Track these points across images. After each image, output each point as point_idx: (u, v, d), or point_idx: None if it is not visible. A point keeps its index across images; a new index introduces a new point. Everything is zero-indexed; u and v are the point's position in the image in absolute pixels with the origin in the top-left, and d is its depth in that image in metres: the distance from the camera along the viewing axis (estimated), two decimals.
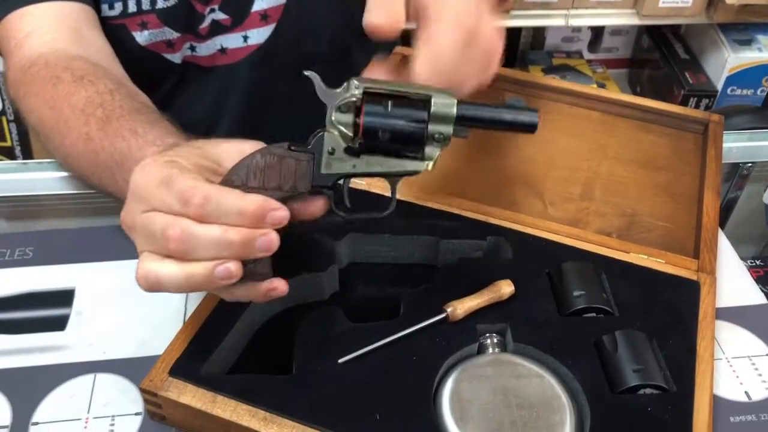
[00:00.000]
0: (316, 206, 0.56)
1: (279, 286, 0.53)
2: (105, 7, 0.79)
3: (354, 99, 0.52)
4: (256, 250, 0.49)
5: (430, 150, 0.54)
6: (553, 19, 1.76)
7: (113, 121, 0.63)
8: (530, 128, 0.56)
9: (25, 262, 0.71)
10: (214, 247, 0.48)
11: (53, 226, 0.75)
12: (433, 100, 0.53)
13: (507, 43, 0.90)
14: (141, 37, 0.82)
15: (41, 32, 0.71)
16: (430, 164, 0.54)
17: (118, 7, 0.79)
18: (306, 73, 0.53)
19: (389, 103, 0.53)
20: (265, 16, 0.86)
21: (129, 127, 0.62)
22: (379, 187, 0.74)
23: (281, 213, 0.50)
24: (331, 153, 0.53)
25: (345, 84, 0.53)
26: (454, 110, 0.53)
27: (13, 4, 0.72)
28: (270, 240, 0.50)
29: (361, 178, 0.74)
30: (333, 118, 0.53)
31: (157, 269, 0.49)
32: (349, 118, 0.53)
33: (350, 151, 0.54)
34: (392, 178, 0.56)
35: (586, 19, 1.78)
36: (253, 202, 0.49)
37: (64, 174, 0.79)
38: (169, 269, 0.49)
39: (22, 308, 0.67)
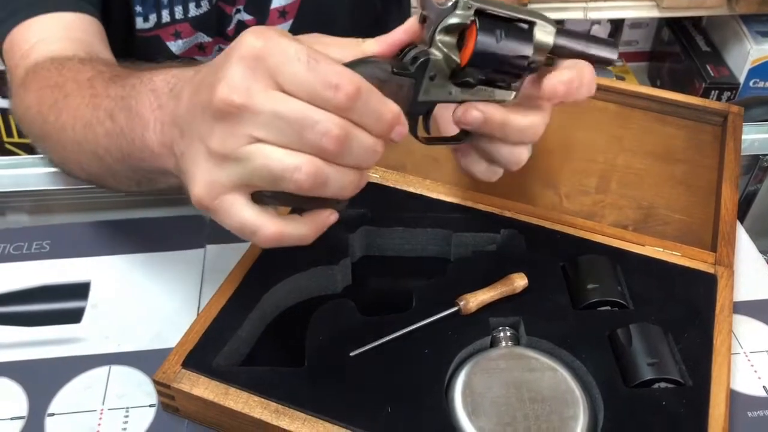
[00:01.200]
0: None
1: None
2: (139, 20, 0.79)
3: (465, 21, 0.48)
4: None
5: (518, 81, 0.52)
6: (571, 12, 1.75)
7: (124, 74, 0.58)
8: (609, 63, 0.54)
9: (42, 255, 0.71)
10: (366, 154, 0.44)
11: (70, 219, 0.75)
12: (536, 29, 0.50)
13: None
14: (175, 46, 0.83)
15: (48, 41, 0.68)
16: (515, 95, 0.53)
17: (153, 19, 0.79)
18: None
19: (499, 32, 0.49)
20: (283, 13, 0.87)
21: (144, 69, 0.56)
22: (393, 180, 0.74)
23: (405, 130, 0.46)
24: (432, 78, 0.50)
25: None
26: (552, 40, 0.51)
27: (19, 17, 0.70)
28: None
29: (375, 171, 0.74)
30: (438, 38, 0.49)
31: (322, 168, 0.42)
32: (453, 39, 0.49)
33: (453, 78, 0.50)
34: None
35: (606, 12, 1.77)
36: (392, 109, 0.44)
37: None
38: (335, 171, 0.43)
39: (39, 301, 0.68)
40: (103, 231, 0.74)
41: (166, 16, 0.80)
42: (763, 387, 0.61)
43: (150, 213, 0.77)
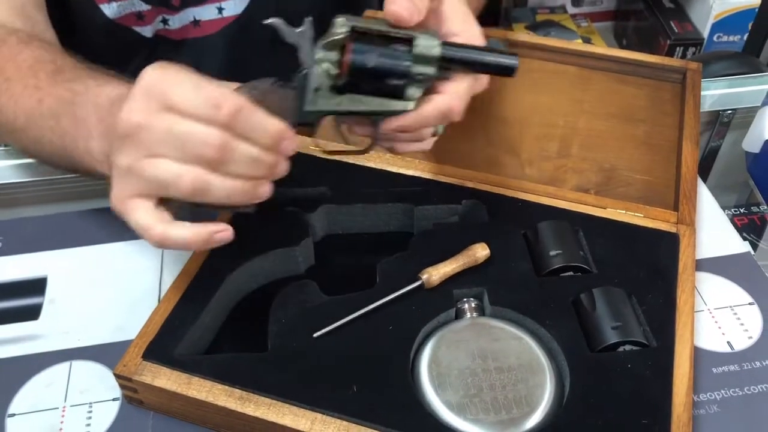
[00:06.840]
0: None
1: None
2: None
3: (341, 37, 0.53)
4: (275, 176, 0.51)
5: (413, 91, 0.55)
6: None
7: (66, 71, 0.60)
8: (509, 72, 0.56)
9: None
10: (250, 164, 0.49)
11: (22, 214, 0.73)
12: (416, 41, 0.53)
13: (490, 2, 0.87)
14: (109, 9, 0.79)
15: None
16: (412, 104, 0.55)
17: None
18: (269, 21, 0.52)
19: (374, 42, 0.53)
20: None
21: (86, 74, 0.59)
22: (352, 156, 0.72)
23: (293, 144, 0.51)
24: (317, 90, 0.54)
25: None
26: (438, 50, 0.54)
27: None
28: (284, 169, 0.51)
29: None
30: (318, 55, 0.53)
31: (202, 176, 0.48)
32: (333, 55, 0.53)
33: (336, 89, 0.54)
34: (375, 118, 0.56)
35: None
36: (275, 124, 0.49)
37: (30, 161, 0.77)
38: (217, 179, 0.48)
39: None
40: (57, 224, 0.72)
41: None
42: (728, 342, 0.62)
43: (104, 203, 0.74)
